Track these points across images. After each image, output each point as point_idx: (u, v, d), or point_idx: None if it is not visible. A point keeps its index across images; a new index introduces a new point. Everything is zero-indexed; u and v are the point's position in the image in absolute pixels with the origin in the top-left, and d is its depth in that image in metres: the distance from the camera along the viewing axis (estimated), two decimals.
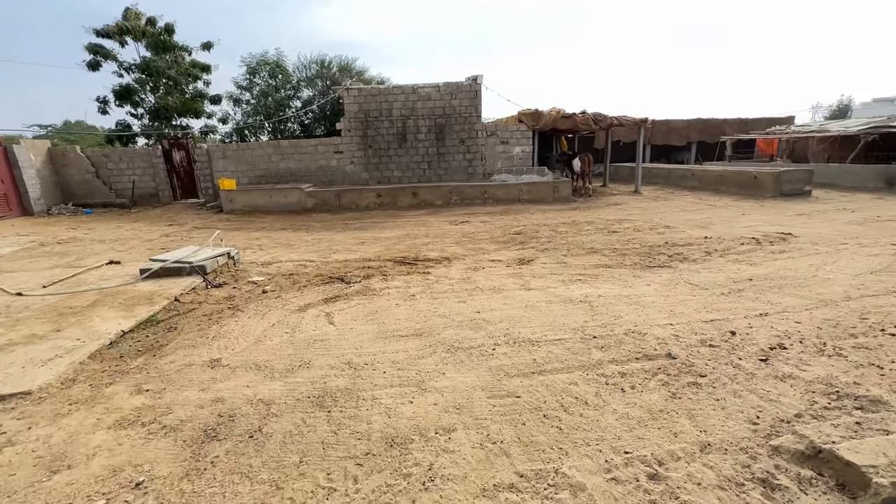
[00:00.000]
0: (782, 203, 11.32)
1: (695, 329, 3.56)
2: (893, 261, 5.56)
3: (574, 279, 5.23)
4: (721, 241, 7.11)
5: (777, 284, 4.71)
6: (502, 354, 3.22)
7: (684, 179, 15.75)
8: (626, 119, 13.83)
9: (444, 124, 13.79)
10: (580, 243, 7.20)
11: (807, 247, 6.52)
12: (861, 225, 8.14)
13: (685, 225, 8.67)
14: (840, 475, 1.91)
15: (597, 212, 10.88)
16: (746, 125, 22.92)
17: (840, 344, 3.13)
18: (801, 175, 12.36)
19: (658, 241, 7.22)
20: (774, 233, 7.67)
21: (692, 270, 5.47)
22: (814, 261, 5.69)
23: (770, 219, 9.15)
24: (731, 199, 12.27)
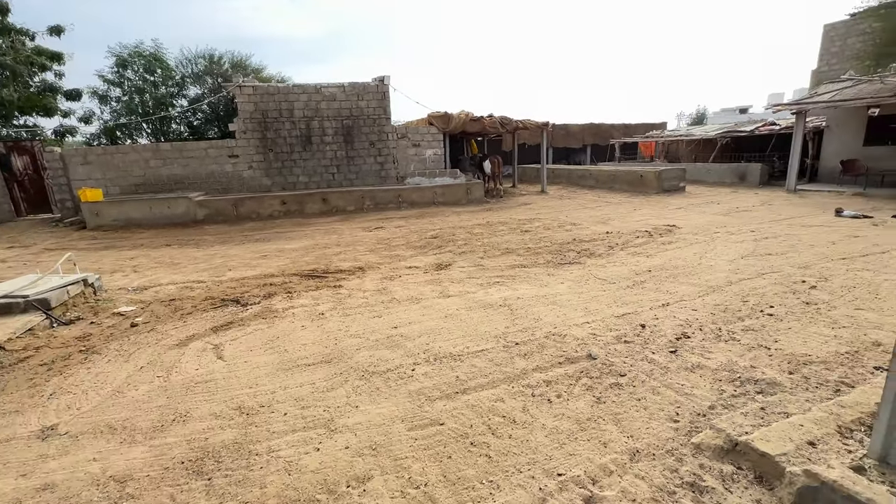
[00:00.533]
0: (664, 198, 12.73)
1: (609, 325, 3.62)
2: (755, 246, 6.39)
3: (492, 282, 5.15)
4: (620, 235, 7.64)
5: (672, 274, 5.09)
6: (423, 375, 2.93)
7: (583, 179, 17.03)
8: (530, 122, 14.51)
9: (352, 126, 13.17)
10: (496, 244, 7.22)
11: (689, 237, 7.27)
12: (726, 215, 9.39)
13: (588, 221, 9.23)
14: (757, 467, 1.93)
15: (509, 212, 11.17)
16: (630, 129, 25.68)
17: (732, 328, 3.39)
18: (677, 173, 14.05)
19: (566, 238, 7.54)
20: (662, 225, 8.48)
21: (599, 265, 5.72)
22: (696, 249, 6.32)
23: (656, 213, 10.16)
24: (623, 196, 13.49)
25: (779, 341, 3.07)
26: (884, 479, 1.69)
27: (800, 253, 5.81)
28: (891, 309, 3.55)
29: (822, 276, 4.65)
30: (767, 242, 6.55)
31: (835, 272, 4.76)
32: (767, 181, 15.25)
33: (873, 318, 3.35)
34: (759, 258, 5.62)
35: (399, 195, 12.46)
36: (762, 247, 6.28)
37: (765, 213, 9.37)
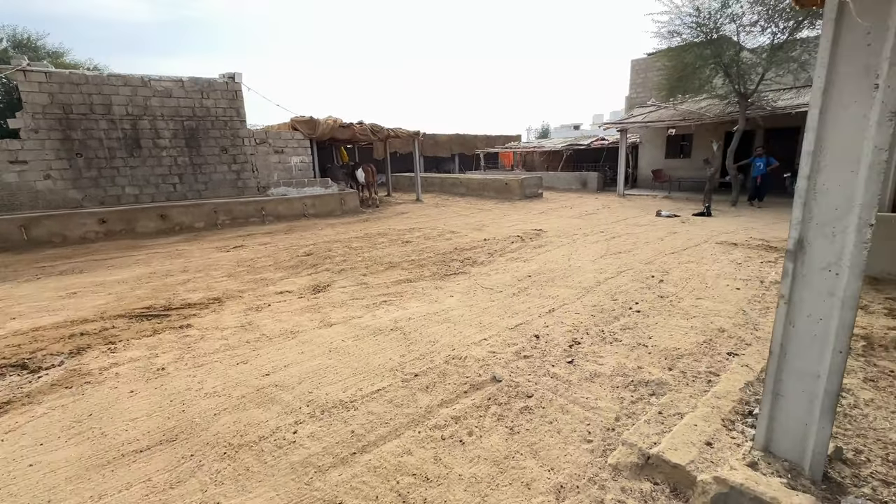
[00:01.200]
0: (527, 203, 13.92)
1: (506, 340, 3.53)
2: (607, 245, 7.26)
3: (379, 302, 4.72)
4: (497, 241, 7.94)
5: (549, 278, 5.37)
6: (308, 438, 2.36)
7: (455, 187, 17.66)
8: (401, 131, 14.41)
9: (197, 128, 11.22)
10: (378, 258, 6.79)
11: (555, 240, 7.93)
12: (580, 218, 10.63)
13: (466, 229, 9.45)
14: (670, 479, 1.94)
15: (387, 222, 10.82)
16: (491, 140, 27.78)
17: (612, 329, 3.61)
18: (536, 181, 15.54)
19: (448, 247, 7.51)
20: (531, 230, 9.14)
21: (483, 274, 5.76)
22: (564, 251, 6.89)
23: (523, 218, 10.97)
24: (493, 203, 14.34)
25: (652, 338, 3.35)
26: (771, 469, 1.82)
27: (641, 249, 6.76)
28: (720, 296, 4.25)
29: (663, 269, 5.42)
30: (616, 242, 7.51)
31: (671, 265, 5.61)
32: (603, 187, 17.97)
33: (712, 306, 3.95)
34: (614, 256, 6.36)
35: (262, 208, 11.05)
36: (613, 246, 7.16)
37: (607, 215, 10.88)
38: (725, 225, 8.94)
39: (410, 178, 19.56)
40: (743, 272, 5.08)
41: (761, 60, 11.24)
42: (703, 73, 12.49)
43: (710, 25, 11.64)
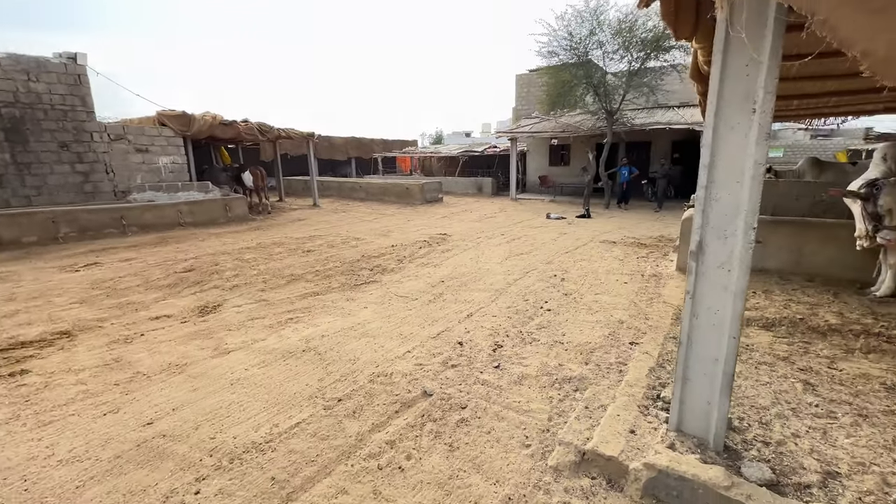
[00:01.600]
0: (429, 208, 14.08)
1: (430, 350, 3.44)
2: (510, 247, 7.67)
3: (285, 320, 4.25)
4: (404, 247, 7.84)
5: (462, 282, 5.45)
6: (217, 496, 1.97)
7: (354, 191, 17.09)
8: (293, 132, 13.43)
9: (22, 118, 8.96)
10: (277, 271, 6.16)
11: (461, 243, 8.12)
12: (480, 222, 11.09)
13: (371, 235, 9.15)
14: (605, 471, 2.05)
15: (283, 230, 9.94)
16: (388, 145, 27.59)
17: (529, 329, 3.77)
18: (436, 186, 15.83)
19: (355, 255, 7.17)
20: (436, 234, 9.23)
21: (395, 281, 5.61)
22: (471, 255, 7.08)
23: (427, 222, 11.06)
24: (395, 208, 14.19)
25: (566, 334, 3.58)
26: (685, 447, 2.04)
27: (539, 250, 7.29)
28: (613, 290, 4.75)
29: (562, 268, 5.89)
30: (516, 243, 7.98)
31: (568, 264, 6.13)
32: (497, 192, 19.09)
33: (609, 301, 4.39)
34: (518, 258, 6.73)
35: (122, 217, 9.27)
36: (515, 248, 7.59)
37: (504, 219, 11.55)
38: (603, 225, 10.14)
39: (305, 181, 18.39)
40: (626, 267, 5.78)
41: (622, 83, 13.09)
42: (577, 91, 14.07)
43: (581, 50, 13.16)
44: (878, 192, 3.40)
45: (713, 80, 1.85)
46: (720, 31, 1.79)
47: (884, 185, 3.39)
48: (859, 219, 3.67)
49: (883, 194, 3.38)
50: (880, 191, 3.39)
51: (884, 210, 3.39)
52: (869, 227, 3.54)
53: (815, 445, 2.11)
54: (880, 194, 3.39)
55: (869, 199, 3.46)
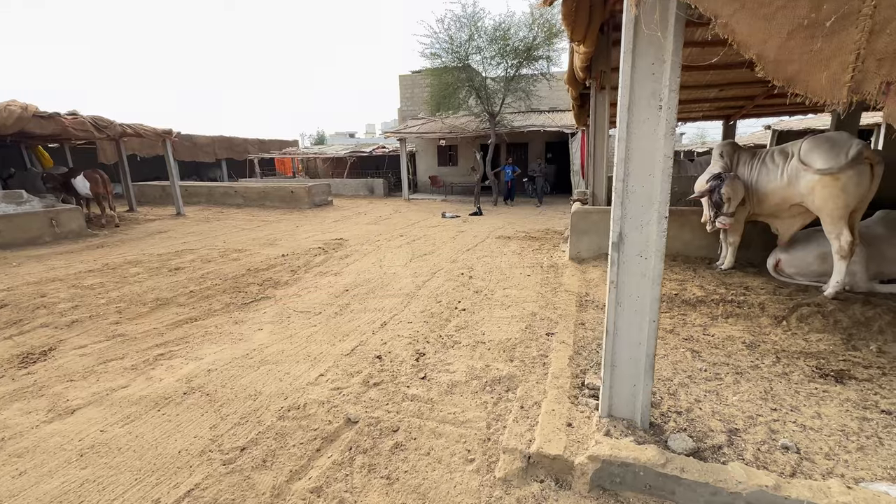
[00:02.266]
0: (318, 212, 13.19)
1: (346, 369, 3.10)
2: (412, 248, 7.53)
3: (154, 357, 3.45)
4: (297, 256, 7.14)
5: (368, 289, 5.11)
6: None
7: (228, 197, 15.17)
8: (144, 129, 11.30)
9: None
10: (136, 296, 5.03)
11: (360, 248, 7.71)
12: (376, 224, 10.73)
13: (255, 245, 8.15)
14: (551, 471, 2.01)
15: (139, 245, 8.26)
16: (265, 145, 25.22)
17: (448, 332, 3.65)
18: (324, 188, 14.91)
19: (238, 269, 6.27)
20: (331, 239, 8.63)
21: (292, 295, 5.02)
22: (373, 259, 6.74)
23: (319, 227, 10.31)
24: (279, 213, 12.96)
25: (485, 333, 3.55)
26: (618, 431, 2.11)
27: (441, 250, 7.29)
28: (519, 283, 4.92)
29: (468, 266, 5.95)
30: (418, 244, 7.87)
31: (472, 262, 6.22)
32: (388, 192, 18.82)
33: (518, 294, 4.52)
34: (421, 259, 6.61)
35: None
36: (417, 248, 7.47)
37: (401, 220, 11.37)
38: (495, 222, 10.65)
39: (163, 187, 15.75)
40: (525, 260, 6.08)
41: (501, 88, 13.94)
42: (460, 93, 14.57)
43: (462, 53, 13.64)
44: (721, 184, 4.08)
45: (624, 78, 1.92)
46: (628, 32, 1.86)
47: (725, 178, 4.09)
48: (706, 207, 4.37)
49: (724, 186, 4.06)
50: (722, 182, 4.08)
51: (724, 199, 4.08)
52: (711, 214, 4.24)
53: (714, 408, 2.37)
54: (722, 185, 4.07)
55: (714, 190, 4.14)
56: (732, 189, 4.07)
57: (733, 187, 4.07)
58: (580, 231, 5.35)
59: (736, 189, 4.08)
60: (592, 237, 5.34)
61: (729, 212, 4.12)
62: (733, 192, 4.07)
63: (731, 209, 4.12)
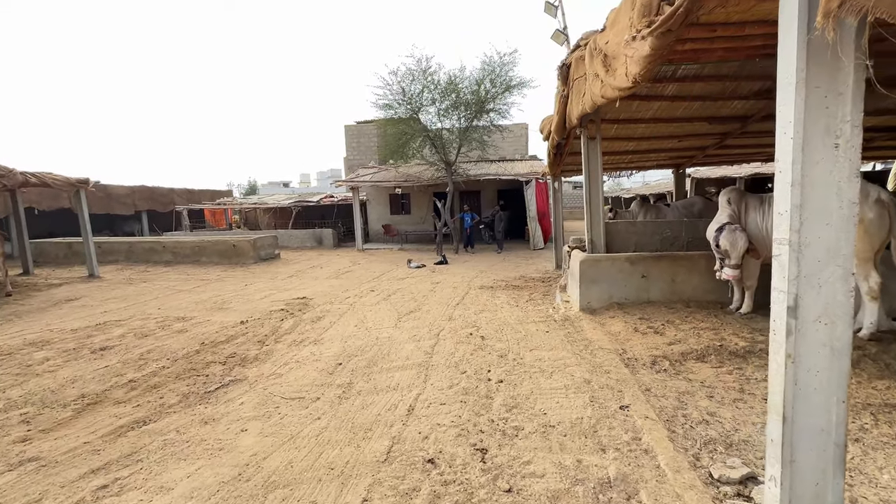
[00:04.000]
0: (267, 267, 11.90)
1: (394, 487, 2.30)
2: (393, 306, 6.78)
3: (93, 495, 2.38)
4: (258, 321, 6.07)
5: (367, 360, 4.30)
6: None
7: (154, 253, 13.27)
8: (53, 178, 9.58)
9: None
10: (48, 395, 3.74)
11: (331, 307, 6.80)
12: (338, 279, 9.80)
13: (201, 310, 6.88)
14: None
15: (43, 319, 6.58)
16: (195, 195, 23.16)
17: (498, 415, 3.00)
18: (271, 241, 13.65)
19: (189, 343, 5.10)
20: (292, 299, 7.60)
21: (271, 375, 4.07)
22: (352, 320, 5.89)
23: (273, 285, 9.16)
24: (219, 270, 11.47)
25: (547, 413, 2.95)
26: None
27: (428, 305, 6.63)
28: (544, 343, 4.41)
29: (470, 323, 5.35)
30: (397, 300, 7.15)
31: (472, 318, 5.64)
32: (339, 243, 17.84)
33: (552, 356, 3.99)
34: (411, 317, 5.90)
35: None
36: (399, 305, 6.74)
37: (363, 272, 10.55)
38: (466, 271, 10.24)
39: (69, 245, 13.46)
40: (530, 314, 5.63)
41: (456, 138, 14.14)
42: (414, 142, 14.55)
43: (416, 104, 13.76)
44: (717, 237, 4.04)
45: (793, 113, 1.62)
46: (799, 58, 1.57)
47: (722, 230, 4.05)
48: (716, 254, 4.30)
49: (721, 237, 4.02)
50: (720, 233, 4.04)
51: (721, 252, 4.03)
52: (717, 266, 4.17)
53: (878, 495, 1.99)
54: (720, 237, 4.03)
55: (716, 241, 4.09)
56: (730, 241, 4.03)
57: (731, 239, 4.03)
58: (589, 280, 5.07)
59: (734, 241, 4.04)
60: (602, 286, 5.08)
61: (732, 264, 4.06)
62: (731, 244, 4.03)
63: (735, 261, 4.06)
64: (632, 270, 5.01)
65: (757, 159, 9.87)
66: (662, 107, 6.32)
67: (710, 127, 7.18)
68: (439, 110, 13.77)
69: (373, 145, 22.12)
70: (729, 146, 8.16)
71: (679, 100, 6.11)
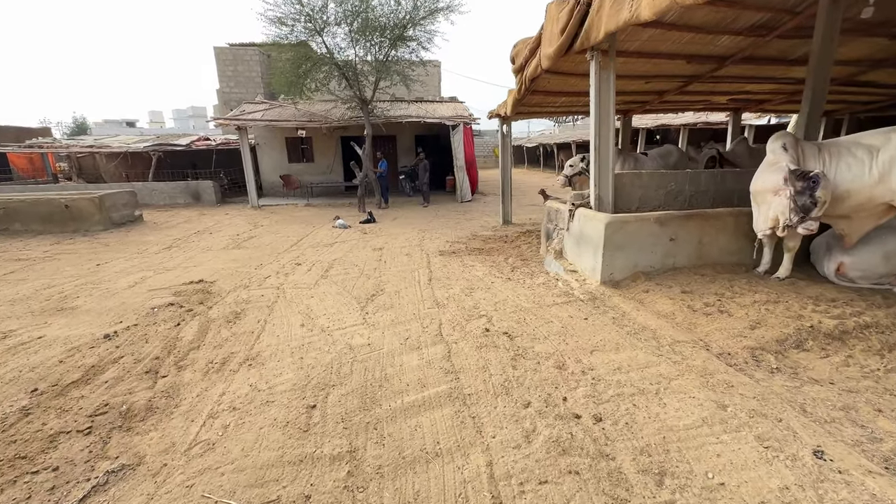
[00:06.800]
0: (125, 236, 8.73)
1: None
2: (342, 288, 5.10)
3: None
4: (138, 330, 3.92)
5: (358, 392, 2.76)
6: None
7: None
8: None
9: None
10: None
11: (247, 295, 4.84)
12: (241, 248, 7.48)
13: (25, 317, 4.31)
14: None
15: None
16: None
17: (621, 466, 1.86)
18: (127, 198, 10.09)
19: (6, 395, 2.88)
20: (181, 284, 5.36)
21: (191, 449, 2.33)
22: (296, 317, 4.14)
23: (143, 262, 6.54)
24: (48, 243, 8.02)
25: (692, 468, 1.89)
26: None
27: (390, 284, 5.10)
28: (606, 340, 3.33)
29: (471, 311, 4.02)
30: (339, 276, 5.43)
31: (467, 302, 4.31)
32: (222, 199, 14.45)
33: (633, 359, 2.94)
34: (381, 304, 4.35)
35: None
36: (349, 285, 5.07)
37: (274, 238, 8.31)
38: (403, 230, 8.70)
39: None
40: (540, 292, 4.52)
41: (373, 70, 11.77)
42: (318, 72, 11.80)
43: (318, 24, 10.94)
44: (816, 185, 3.36)
45: None
46: None
47: (819, 177, 3.38)
48: (780, 210, 3.63)
49: (820, 187, 3.36)
50: (817, 184, 3.36)
51: (820, 202, 3.39)
52: (794, 218, 3.52)
53: None
54: (818, 187, 3.36)
55: (805, 192, 3.41)
56: (829, 191, 3.40)
57: (828, 189, 3.41)
58: (615, 247, 4.11)
59: (829, 190, 3.42)
60: (628, 253, 4.17)
61: (818, 215, 3.45)
62: (828, 193, 3.41)
63: (820, 213, 3.46)
64: (660, 233, 4.18)
65: (696, 108, 9.89)
66: (654, 36, 5.40)
67: (685, 67, 6.56)
68: (351, 32, 11.15)
69: (255, 76, 18.08)
70: (689, 92, 7.79)
71: (675, 29, 5.23)
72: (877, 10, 4.63)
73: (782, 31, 5.38)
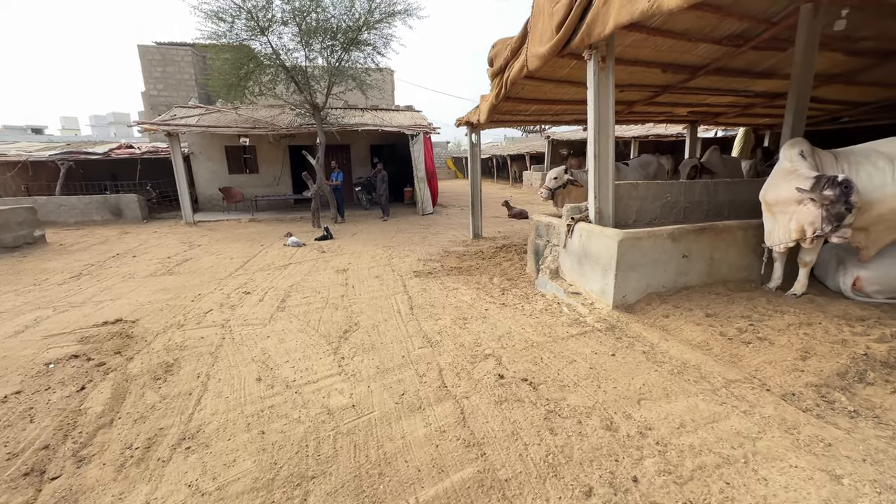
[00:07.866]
0: (19, 263, 7.11)
1: None
2: (304, 323, 4.24)
3: None
4: (23, 403, 2.84)
5: (350, 490, 1.98)
6: None
7: None
8: None
9: None
10: None
11: (182, 338, 3.84)
12: (173, 274, 6.29)
13: None
14: None
15: None
16: None
17: None
18: (24, 215, 8.36)
19: None
20: (91, 326, 4.22)
21: None
22: (244, 363, 3.24)
23: (41, 297, 5.21)
24: None
25: None
26: None
27: (359, 313, 4.31)
28: (631, 387, 2.77)
29: (476, 350, 3.35)
30: (300, 308, 4.55)
31: (466, 338, 3.62)
32: (149, 214, 12.70)
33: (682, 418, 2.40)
34: (357, 344, 3.55)
35: None
36: (314, 319, 4.21)
37: (214, 260, 7.14)
38: (366, 248, 7.88)
39: None
40: (546, 320, 3.93)
41: (325, 73, 10.88)
42: (263, 75, 10.73)
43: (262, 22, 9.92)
44: (849, 191, 3.10)
45: None
46: None
47: (851, 184, 3.12)
48: (809, 219, 3.35)
49: (854, 193, 3.10)
50: (850, 189, 3.10)
51: (855, 207, 3.13)
52: (827, 228, 3.24)
53: None
54: (851, 193, 3.10)
55: (839, 200, 3.13)
56: (860, 197, 3.15)
57: (859, 196, 3.16)
58: (628, 266, 3.65)
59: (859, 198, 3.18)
60: (641, 272, 3.73)
61: (852, 223, 3.19)
62: (860, 200, 3.16)
63: (854, 219, 3.20)
64: (673, 249, 3.78)
65: (657, 120, 9.99)
66: (636, 41, 5.16)
67: (660, 76, 6.44)
68: (301, 33, 10.20)
69: (188, 78, 16.41)
70: (656, 103, 7.74)
71: (659, 34, 5.02)
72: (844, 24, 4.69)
73: (757, 42, 5.32)
